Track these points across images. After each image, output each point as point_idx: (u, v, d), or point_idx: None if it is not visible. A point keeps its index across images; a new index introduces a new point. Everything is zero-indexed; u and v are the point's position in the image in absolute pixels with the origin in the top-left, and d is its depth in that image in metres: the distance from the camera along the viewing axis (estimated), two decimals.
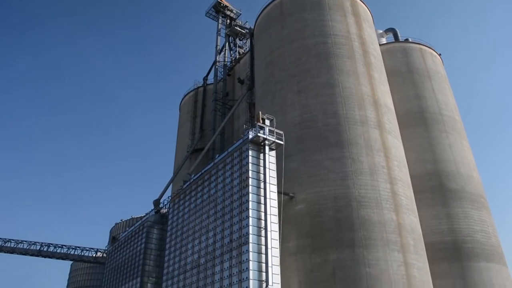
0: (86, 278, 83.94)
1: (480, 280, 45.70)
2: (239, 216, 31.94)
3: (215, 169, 37.76)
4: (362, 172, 37.10)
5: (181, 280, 37.63)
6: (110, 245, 60.49)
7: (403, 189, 38.77)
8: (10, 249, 67.25)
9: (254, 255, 29.77)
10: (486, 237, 49.21)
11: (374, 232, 34.57)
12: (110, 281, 54.33)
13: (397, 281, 33.20)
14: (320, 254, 34.19)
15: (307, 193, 36.86)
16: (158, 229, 47.50)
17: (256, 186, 32.40)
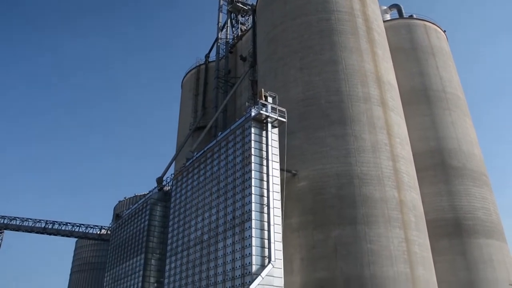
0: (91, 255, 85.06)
1: (480, 256, 46.18)
2: (242, 193, 32.15)
3: (217, 147, 37.85)
4: (364, 150, 37.17)
5: (184, 256, 38.10)
6: (114, 223, 61.11)
7: (405, 167, 38.88)
8: (15, 227, 68.08)
9: (256, 231, 30.05)
10: (487, 214, 49.53)
11: (376, 209, 34.83)
12: (115, 258, 55.08)
13: (398, 257, 33.59)
14: (322, 231, 34.53)
15: (310, 170, 37.02)
16: (161, 206, 47.90)
17: (259, 164, 32.50)
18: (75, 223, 69.26)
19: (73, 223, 69.17)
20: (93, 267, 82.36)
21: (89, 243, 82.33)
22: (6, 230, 69.03)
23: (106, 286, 55.96)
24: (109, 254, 58.91)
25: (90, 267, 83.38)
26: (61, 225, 68.73)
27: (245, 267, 29.58)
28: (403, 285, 32.71)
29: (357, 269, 32.68)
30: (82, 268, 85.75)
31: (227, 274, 31.41)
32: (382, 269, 32.77)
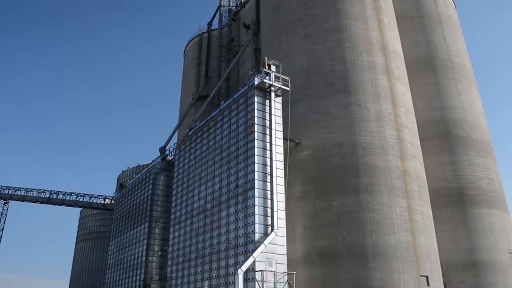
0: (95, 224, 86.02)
1: (481, 226, 46.43)
2: (245, 162, 32.10)
3: (220, 116, 37.63)
4: (368, 119, 36.87)
5: (188, 225, 38.41)
6: (118, 192, 61.53)
7: (409, 136, 38.65)
8: (20, 197, 68.73)
9: (259, 200, 30.13)
10: (490, 184, 49.55)
11: (379, 178, 34.79)
12: (119, 227, 55.69)
13: (400, 225, 33.75)
14: (324, 200, 34.61)
15: (313, 140, 36.85)
16: (164, 175, 48.06)
17: (262, 133, 32.33)
18: (79, 193, 69.98)
19: (77, 193, 69.86)
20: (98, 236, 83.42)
21: (94, 212, 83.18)
22: (11, 200, 69.79)
23: (111, 254, 56.80)
24: (113, 223, 59.54)
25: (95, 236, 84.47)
26: (65, 195, 69.40)
27: (248, 236, 29.78)
28: (405, 253, 32.97)
29: (359, 237, 32.88)
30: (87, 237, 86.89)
31: (230, 243, 31.68)
32: (384, 237, 32.96)
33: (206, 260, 34.18)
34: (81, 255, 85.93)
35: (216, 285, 32.27)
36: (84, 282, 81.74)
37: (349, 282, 31.95)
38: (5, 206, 69.96)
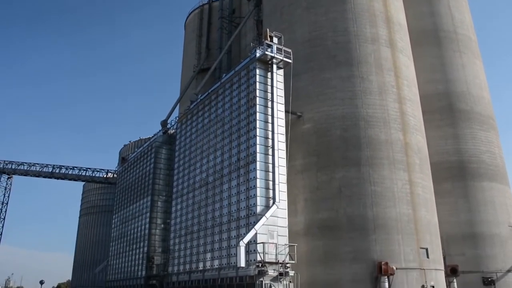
0: (98, 198, 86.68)
1: (482, 199, 46.68)
2: (247, 135, 32.03)
3: (222, 89, 37.39)
4: (371, 92, 36.61)
5: (190, 198, 38.63)
6: (120, 166, 61.74)
7: (411, 109, 38.44)
8: (23, 172, 69.15)
9: (261, 173, 30.18)
10: (491, 157, 49.58)
11: (381, 151, 34.78)
12: (122, 200, 56.10)
13: (401, 198, 33.90)
14: (326, 172, 34.68)
15: (315, 112, 36.68)
16: (166, 149, 48.09)
17: (264, 105, 32.15)
18: (82, 167, 70.25)
19: (79, 167, 70.16)
20: (101, 210, 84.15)
21: (96, 186, 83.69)
22: (14, 175, 70.27)
23: (114, 228, 57.41)
24: (116, 197, 59.96)
25: (98, 210, 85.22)
26: (68, 169, 69.71)
27: (250, 208, 29.96)
28: (405, 225, 33.22)
29: (360, 210, 33.08)
30: (90, 211, 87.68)
31: (232, 215, 31.91)
32: (385, 210, 33.17)
33: (208, 232, 34.49)
34: (85, 228, 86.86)
35: (218, 257, 32.64)
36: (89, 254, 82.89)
37: (350, 254, 32.30)
38: (8, 180, 70.50)
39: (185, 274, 36.85)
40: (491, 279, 43.71)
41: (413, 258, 32.74)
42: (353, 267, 31.95)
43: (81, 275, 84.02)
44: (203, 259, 34.49)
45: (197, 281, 34.85)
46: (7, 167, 69.27)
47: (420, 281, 32.40)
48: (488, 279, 43.71)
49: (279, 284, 27.40)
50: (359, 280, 31.52)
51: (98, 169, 70.88)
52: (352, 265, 31.99)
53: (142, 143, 61.15)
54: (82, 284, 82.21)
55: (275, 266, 27.86)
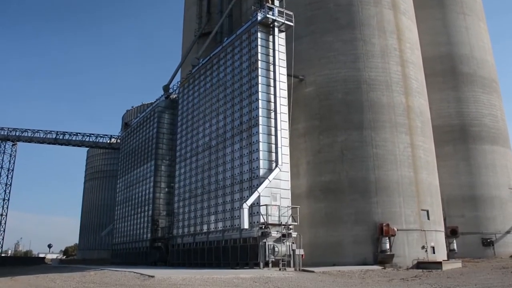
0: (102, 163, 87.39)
1: (483, 162, 47.10)
2: (249, 99, 32.10)
3: (223, 53, 37.19)
4: (373, 55, 36.39)
5: (193, 161, 39.02)
6: (123, 131, 62.02)
7: (414, 72, 38.29)
8: (27, 139, 69.57)
9: (263, 136, 30.39)
10: (493, 120, 49.70)
11: (383, 114, 34.87)
12: (126, 165, 56.64)
13: (403, 161, 34.21)
14: (328, 136, 34.91)
15: (317, 76, 36.60)
16: (169, 114, 48.24)
17: (266, 69, 32.07)
18: (85, 133, 70.66)
19: (83, 133, 70.57)
20: (106, 175, 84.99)
21: (100, 152, 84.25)
22: (19, 142, 70.77)
23: (119, 192, 58.17)
24: (120, 162, 60.51)
25: (103, 175, 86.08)
26: (71, 135, 70.14)
27: (253, 171, 30.34)
28: (406, 187, 33.66)
29: (362, 172, 33.47)
30: (95, 176, 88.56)
31: (235, 178, 32.32)
32: (387, 172, 33.54)
33: (212, 195, 35.02)
34: (90, 193, 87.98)
35: (222, 219, 33.28)
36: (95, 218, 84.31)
37: (352, 215, 32.87)
38: (13, 147, 71.09)
39: (190, 236, 37.64)
40: (490, 240, 44.64)
41: (413, 220, 33.32)
42: (354, 228, 32.58)
43: (87, 238, 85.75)
44: (207, 221, 35.16)
45: (201, 243, 35.63)
46: (11, 134, 69.70)
47: (420, 242, 33.09)
48: (487, 240, 44.65)
49: (282, 245, 27.99)
50: (361, 241, 32.20)
51: (101, 135, 71.40)
52: (353, 227, 32.61)
53: (144, 108, 61.20)
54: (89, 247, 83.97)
55: (278, 227, 28.44)
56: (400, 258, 31.60)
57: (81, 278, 23.32)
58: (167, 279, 19.48)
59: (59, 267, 45.18)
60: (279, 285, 18.28)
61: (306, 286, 18.23)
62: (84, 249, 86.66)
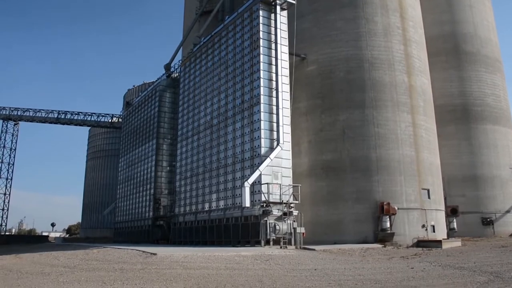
0: (104, 142, 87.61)
1: (484, 142, 47.04)
2: (250, 78, 31.94)
3: (225, 31, 36.87)
4: (375, 33, 36.03)
5: (195, 140, 39.06)
6: (125, 110, 61.93)
7: (417, 51, 37.97)
8: (29, 118, 69.59)
9: (265, 115, 30.35)
10: (496, 100, 49.48)
11: (385, 93, 34.71)
12: (128, 144, 56.73)
13: (404, 140, 34.18)
14: (330, 114, 34.83)
15: (319, 54, 36.34)
16: (170, 93, 48.12)
17: (267, 47, 31.83)
18: (87, 113, 70.59)
19: (85, 113, 70.51)
20: (107, 154, 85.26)
21: (102, 131, 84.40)
22: (20, 121, 70.82)
23: (121, 171, 58.38)
24: (121, 141, 60.60)
25: (105, 154, 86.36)
26: (73, 114, 70.11)
27: (254, 150, 30.37)
28: (408, 166, 33.70)
29: (363, 151, 33.48)
30: (97, 155, 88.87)
31: (236, 157, 32.38)
32: (388, 151, 33.55)
33: (213, 174, 35.14)
34: (93, 172, 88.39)
35: (223, 198, 33.45)
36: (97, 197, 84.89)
37: (353, 194, 33.01)
38: (15, 127, 71.18)
39: (191, 214, 37.91)
40: (490, 219, 44.89)
41: (414, 199, 33.46)
42: (355, 207, 32.76)
43: (90, 217, 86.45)
44: (209, 200, 35.36)
45: (203, 221, 35.90)
46: (13, 113, 69.73)
47: (420, 221, 33.29)
48: (487, 219, 44.90)
49: (283, 224, 28.21)
50: (362, 219, 32.40)
51: (103, 114, 71.35)
52: (354, 205, 32.79)
53: (146, 87, 61.06)
54: (91, 226, 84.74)
55: (279, 206, 28.61)
56: (400, 237, 31.84)
57: (84, 255, 23.59)
58: (169, 257, 19.68)
59: (62, 245, 45.66)
60: (280, 263, 18.47)
61: (307, 264, 18.41)
62: (86, 227, 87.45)
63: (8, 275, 16.94)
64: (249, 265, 17.58)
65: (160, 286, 12.79)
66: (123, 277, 14.62)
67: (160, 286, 12.79)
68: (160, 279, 13.97)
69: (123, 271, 16.22)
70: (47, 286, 13.21)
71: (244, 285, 12.86)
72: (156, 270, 16.09)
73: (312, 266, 17.69)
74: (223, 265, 17.39)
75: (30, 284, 13.92)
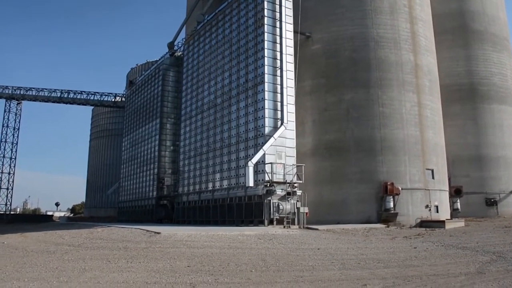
0: (107, 122, 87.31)
1: (490, 121, 46.70)
2: (255, 56, 31.57)
3: (229, 9, 36.34)
4: (382, 11, 35.45)
5: (198, 120, 38.87)
6: (128, 89, 61.66)
7: (423, 30, 37.40)
8: (32, 97, 69.43)
9: (269, 94, 30.06)
10: (503, 80, 48.95)
11: (390, 72, 34.32)
12: (131, 123, 56.62)
13: (409, 120, 33.93)
14: (334, 94, 34.53)
15: (324, 33, 35.86)
16: (174, 71, 47.75)
17: (272, 26, 31.37)
18: (90, 92, 70.30)
19: (87, 92, 70.20)
20: (111, 133, 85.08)
21: (105, 110, 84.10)
22: (23, 100, 70.67)
23: (124, 150, 58.42)
24: (125, 120, 60.46)
25: (108, 134, 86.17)
26: (76, 93, 69.84)
27: (258, 129, 30.20)
28: (412, 146, 33.53)
29: (368, 131, 33.30)
30: (100, 134, 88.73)
31: (240, 136, 32.23)
32: (393, 131, 33.35)
33: (217, 153, 35.05)
34: (96, 152, 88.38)
35: (227, 177, 33.42)
36: (101, 177, 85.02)
37: (356, 174, 32.96)
38: (18, 106, 71.08)
39: (195, 194, 37.98)
40: (494, 200, 44.83)
41: (418, 179, 33.37)
42: (359, 187, 32.73)
43: (94, 197, 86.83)
44: (212, 179, 35.36)
45: (206, 201, 35.97)
46: (15, 92, 69.51)
47: (424, 201, 33.27)
48: (491, 200, 44.84)
49: (287, 203, 28.21)
50: (365, 199, 32.42)
51: (106, 93, 71.02)
52: (358, 185, 32.76)
53: (149, 66, 60.61)
54: (95, 205, 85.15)
55: (283, 185, 28.55)
56: (403, 217, 31.87)
57: (88, 234, 23.72)
58: (173, 236, 19.75)
59: (67, 224, 46.04)
60: (283, 242, 18.50)
61: (310, 243, 18.44)
62: (90, 207, 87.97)
63: (14, 253, 17.06)
64: (253, 244, 17.62)
65: (164, 264, 12.82)
66: (127, 256, 14.67)
67: (164, 264, 12.82)
68: (164, 258, 14.01)
69: (127, 250, 16.29)
70: (53, 264, 13.27)
71: (247, 263, 12.88)
72: (160, 249, 16.14)
73: (315, 245, 17.71)
74: (227, 244, 17.44)
75: (36, 262, 13.99)
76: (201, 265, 12.63)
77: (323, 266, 12.66)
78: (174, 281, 10.33)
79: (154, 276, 11.02)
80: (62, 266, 12.91)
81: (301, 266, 12.61)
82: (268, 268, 12.22)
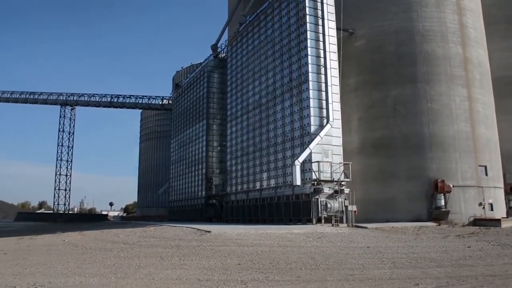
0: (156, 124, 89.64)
1: None
2: (298, 55, 31.61)
3: (270, 9, 36.53)
4: (427, 3, 34.64)
5: (244, 120, 39.31)
6: (175, 92, 63.08)
7: (472, 20, 36.22)
8: (84, 103, 72.71)
9: (314, 93, 30.04)
10: None
11: (438, 66, 33.51)
12: (178, 125, 57.96)
13: (459, 115, 33.01)
14: (380, 90, 34.06)
15: (367, 28, 35.44)
16: (218, 73, 48.52)
17: (314, 23, 31.29)
18: (138, 95, 72.48)
19: (136, 96, 72.41)
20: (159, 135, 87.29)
21: (153, 113, 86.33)
22: (77, 106, 73.95)
23: (173, 152, 59.86)
24: (172, 122, 61.93)
25: (157, 136, 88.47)
26: (125, 98, 72.18)
27: (304, 128, 30.25)
28: (463, 143, 32.60)
29: (416, 127, 32.66)
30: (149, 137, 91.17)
31: (286, 135, 32.37)
32: (442, 127, 32.55)
33: (263, 153, 35.35)
34: (146, 153, 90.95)
35: (274, 176, 33.64)
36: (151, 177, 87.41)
37: (405, 172, 32.41)
38: (72, 111, 74.42)
39: (243, 193, 38.44)
40: None
41: (470, 176, 32.43)
42: (408, 185, 32.15)
43: (145, 196, 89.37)
44: (260, 178, 35.67)
45: (254, 200, 36.34)
46: (69, 99, 72.84)
47: (477, 199, 32.28)
48: None
49: (335, 202, 28.12)
50: (414, 197, 31.82)
51: (154, 97, 72.90)
52: (407, 183, 32.18)
53: (194, 69, 61.74)
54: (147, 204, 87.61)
55: (330, 184, 28.50)
56: (455, 215, 31.06)
57: (142, 233, 24.59)
58: (223, 234, 20.17)
59: (121, 223, 47.73)
60: (332, 240, 18.53)
61: (359, 242, 18.37)
62: (142, 206, 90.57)
63: (75, 250, 17.99)
64: (302, 243, 17.75)
65: (216, 262, 13.19)
66: (179, 254, 15.17)
67: (215, 262, 13.19)
68: (215, 256, 14.39)
69: (179, 248, 16.82)
70: (110, 261, 13.93)
71: (297, 262, 13.04)
72: (211, 247, 16.56)
73: (364, 244, 17.63)
74: (276, 243, 17.66)
75: (95, 258, 14.73)
76: (251, 263, 12.89)
77: (373, 264, 12.63)
78: (225, 279, 10.63)
79: (206, 273, 11.37)
80: (119, 263, 13.54)
81: (351, 264, 12.64)
82: (317, 266, 12.33)
